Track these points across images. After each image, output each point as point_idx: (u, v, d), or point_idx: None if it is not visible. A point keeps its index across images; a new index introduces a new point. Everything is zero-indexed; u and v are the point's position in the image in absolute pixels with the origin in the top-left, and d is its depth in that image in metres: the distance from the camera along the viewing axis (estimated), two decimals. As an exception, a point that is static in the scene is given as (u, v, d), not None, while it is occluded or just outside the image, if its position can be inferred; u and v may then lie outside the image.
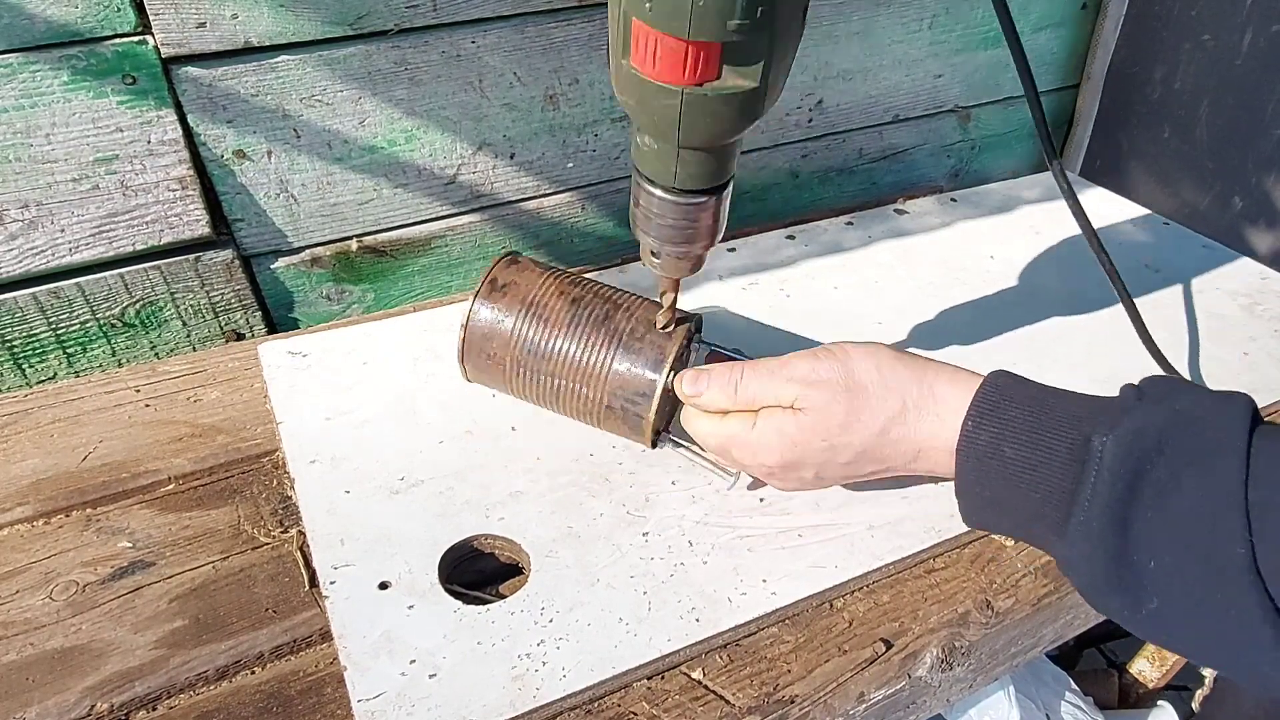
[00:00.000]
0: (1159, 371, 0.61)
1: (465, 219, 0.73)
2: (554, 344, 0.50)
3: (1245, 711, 0.82)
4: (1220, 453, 0.36)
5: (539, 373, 0.50)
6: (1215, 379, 0.61)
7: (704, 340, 0.54)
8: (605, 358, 0.49)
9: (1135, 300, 0.58)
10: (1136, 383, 0.43)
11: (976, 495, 0.43)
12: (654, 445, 0.51)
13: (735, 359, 0.50)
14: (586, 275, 0.54)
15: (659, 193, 0.43)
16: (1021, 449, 0.41)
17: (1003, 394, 0.43)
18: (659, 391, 0.48)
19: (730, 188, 0.45)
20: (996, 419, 0.42)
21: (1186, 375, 0.61)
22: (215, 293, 0.67)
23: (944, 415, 0.44)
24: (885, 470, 0.47)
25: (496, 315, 0.50)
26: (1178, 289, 0.72)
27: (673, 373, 0.49)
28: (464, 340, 0.51)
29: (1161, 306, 0.69)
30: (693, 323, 0.51)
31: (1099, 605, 0.40)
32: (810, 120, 0.84)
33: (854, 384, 0.45)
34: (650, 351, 0.49)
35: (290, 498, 0.52)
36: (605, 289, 0.52)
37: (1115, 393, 0.42)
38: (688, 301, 0.69)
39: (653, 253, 0.47)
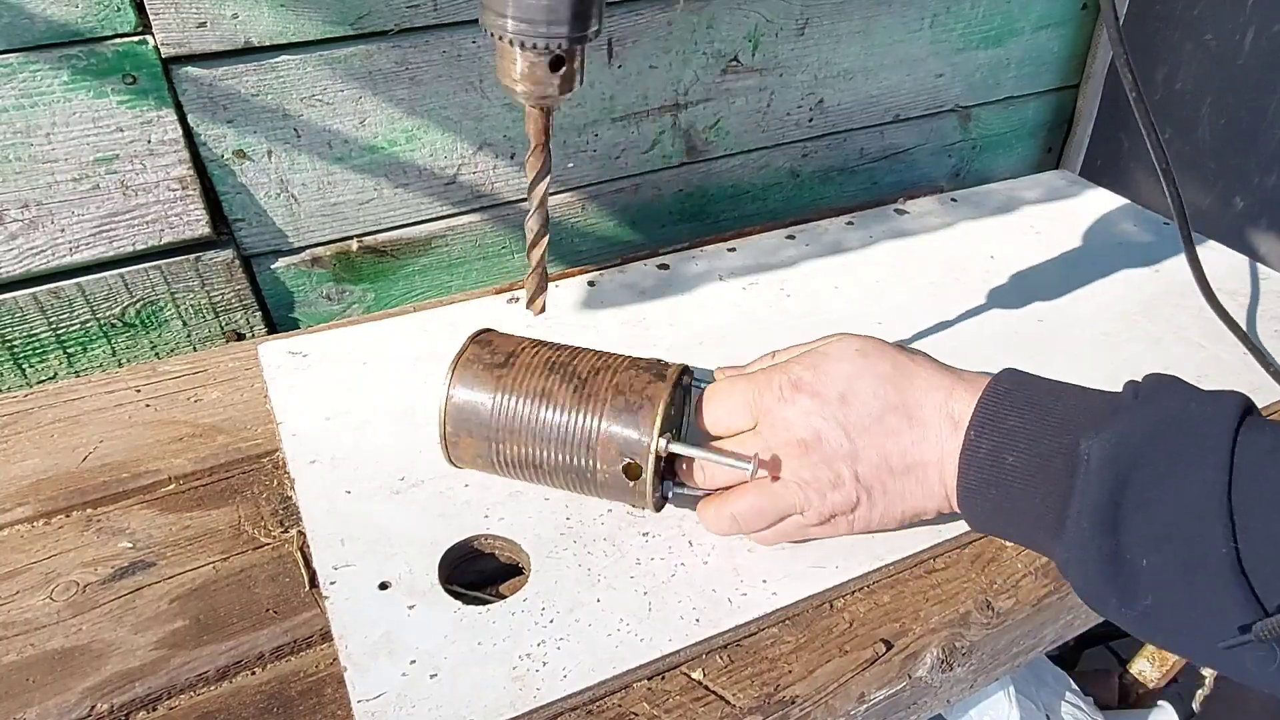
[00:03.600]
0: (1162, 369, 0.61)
1: (466, 219, 0.73)
2: (538, 426, 0.45)
3: (1247, 712, 0.82)
4: (1203, 454, 0.37)
5: (528, 461, 0.47)
6: (1215, 379, 0.61)
7: (698, 383, 0.49)
8: (593, 426, 0.45)
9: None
10: (1140, 378, 0.43)
11: (980, 504, 0.43)
12: (658, 509, 0.47)
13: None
14: (553, 344, 0.49)
15: None
16: (1020, 455, 0.41)
17: (1002, 401, 0.43)
18: (651, 458, 0.44)
19: None
20: (997, 429, 0.42)
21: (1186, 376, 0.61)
22: (215, 293, 0.67)
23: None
24: (918, 440, 0.43)
25: (474, 403, 0.46)
26: (1178, 289, 0.72)
27: (663, 432, 0.44)
28: (445, 440, 0.48)
29: (1161, 306, 0.69)
30: (676, 374, 0.46)
31: (1096, 604, 0.40)
32: (811, 120, 0.84)
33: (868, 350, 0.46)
34: (642, 413, 0.44)
35: (290, 498, 0.52)
36: (583, 356, 0.47)
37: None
38: (692, 310, 0.69)
39: (515, 40, 0.36)
